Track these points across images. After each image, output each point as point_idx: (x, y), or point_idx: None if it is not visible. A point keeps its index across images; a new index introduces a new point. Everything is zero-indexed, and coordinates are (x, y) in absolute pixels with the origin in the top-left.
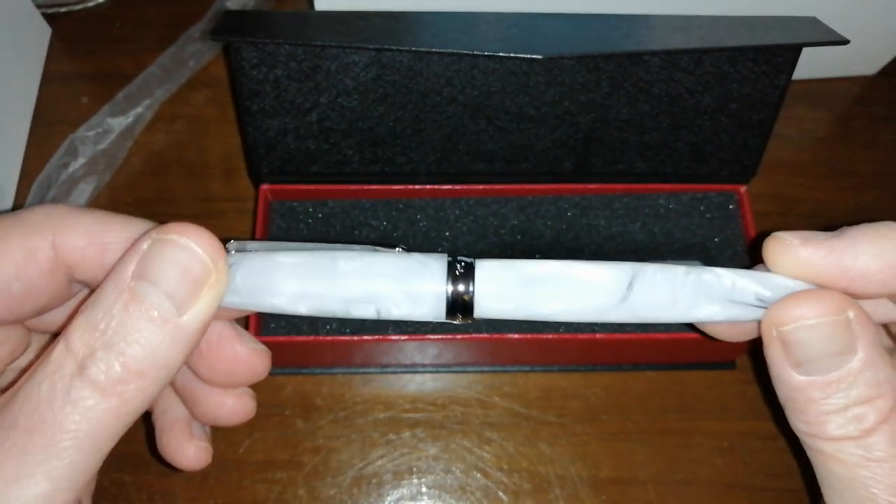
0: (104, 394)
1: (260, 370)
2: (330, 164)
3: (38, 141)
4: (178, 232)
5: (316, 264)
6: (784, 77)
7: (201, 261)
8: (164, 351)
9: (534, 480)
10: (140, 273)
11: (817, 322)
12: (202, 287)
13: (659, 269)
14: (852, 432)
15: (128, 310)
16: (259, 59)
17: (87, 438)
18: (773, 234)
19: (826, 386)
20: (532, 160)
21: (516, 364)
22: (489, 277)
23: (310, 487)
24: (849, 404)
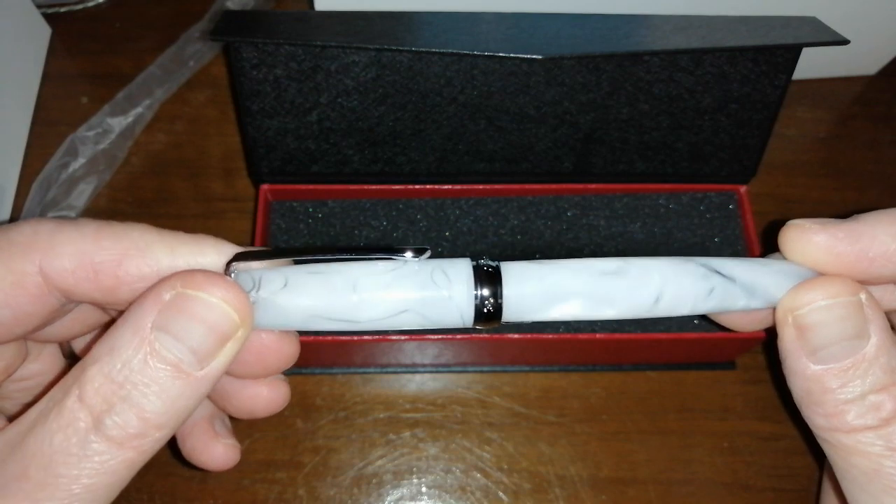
0: (121, 447)
1: (290, 355)
2: (330, 164)
3: (39, 141)
4: (206, 289)
5: (335, 303)
6: (784, 77)
7: (229, 318)
8: (183, 402)
9: (534, 480)
10: (162, 325)
11: (831, 303)
12: (228, 341)
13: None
14: (871, 421)
15: (147, 363)
16: (259, 59)
17: (101, 489)
18: (790, 222)
19: (842, 373)
20: (532, 160)
21: (516, 364)
22: (516, 284)
23: (310, 487)
24: (865, 392)
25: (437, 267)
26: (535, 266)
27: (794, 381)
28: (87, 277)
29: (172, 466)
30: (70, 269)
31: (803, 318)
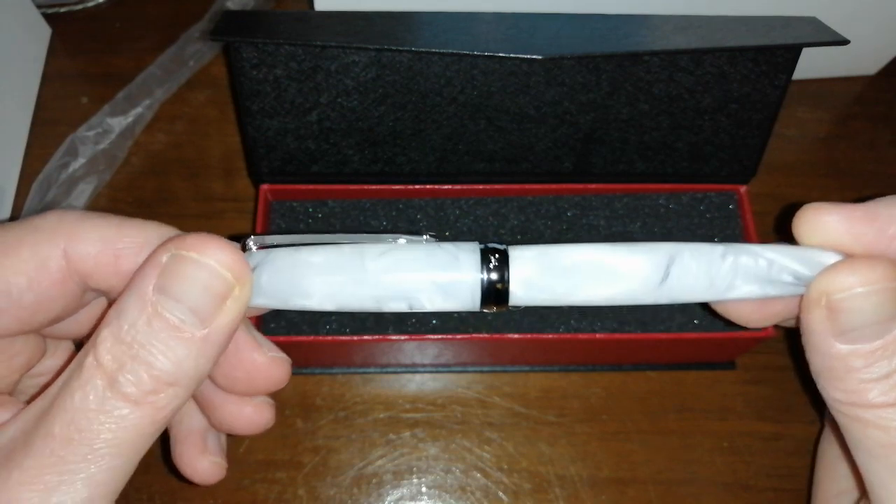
0: (137, 404)
1: (279, 379)
2: (330, 163)
3: (39, 141)
4: (197, 249)
5: (344, 263)
6: (784, 77)
7: (222, 277)
8: (192, 362)
9: (534, 480)
10: (161, 287)
11: (871, 289)
12: (225, 300)
13: (696, 253)
14: (894, 399)
15: (151, 325)
16: (259, 59)
17: (124, 445)
18: (806, 205)
19: (870, 354)
20: (532, 160)
21: (516, 364)
22: (523, 266)
23: (310, 487)
24: (890, 371)
25: (447, 242)
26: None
27: (815, 357)
28: (108, 263)
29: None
30: (93, 254)
31: (839, 302)
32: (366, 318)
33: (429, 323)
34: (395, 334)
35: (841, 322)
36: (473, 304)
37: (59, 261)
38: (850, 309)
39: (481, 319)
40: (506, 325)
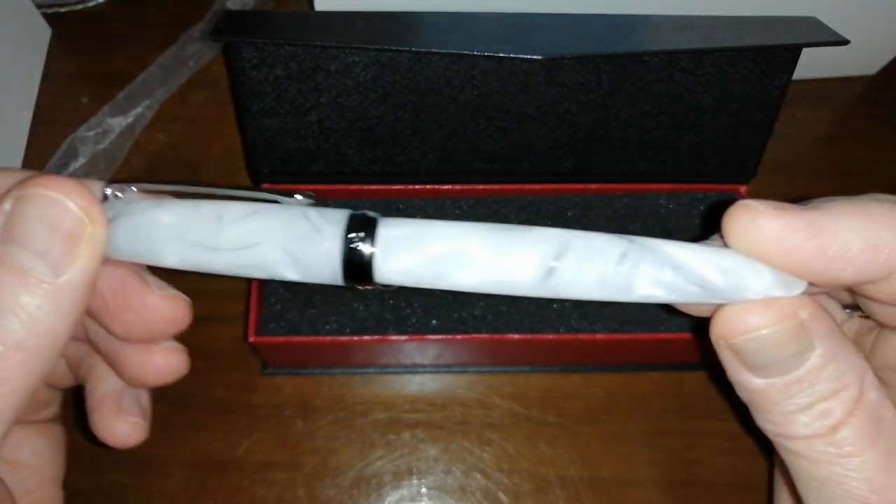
0: None
1: (176, 318)
2: (330, 163)
3: (38, 141)
4: (42, 185)
5: (198, 227)
6: (784, 77)
7: (71, 213)
8: (44, 317)
9: (534, 481)
10: (5, 236)
11: (769, 332)
12: (78, 242)
13: (589, 251)
14: (819, 430)
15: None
16: (259, 59)
17: None
18: (740, 202)
19: (787, 388)
20: (532, 160)
21: (516, 364)
22: (393, 241)
23: (309, 488)
24: (813, 402)
25: (314, 209)
26: (416, 220)
27: (738, 390)
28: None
29: (172, 466)
30: None
31: (739, 346)
32: (365, 319)
33: (429, 323)
34: (395, 334)
35: (748, 362)
36: (334, 279)
37: None
38: (752, 351)
39: (481, 320)
40: (506, 326)
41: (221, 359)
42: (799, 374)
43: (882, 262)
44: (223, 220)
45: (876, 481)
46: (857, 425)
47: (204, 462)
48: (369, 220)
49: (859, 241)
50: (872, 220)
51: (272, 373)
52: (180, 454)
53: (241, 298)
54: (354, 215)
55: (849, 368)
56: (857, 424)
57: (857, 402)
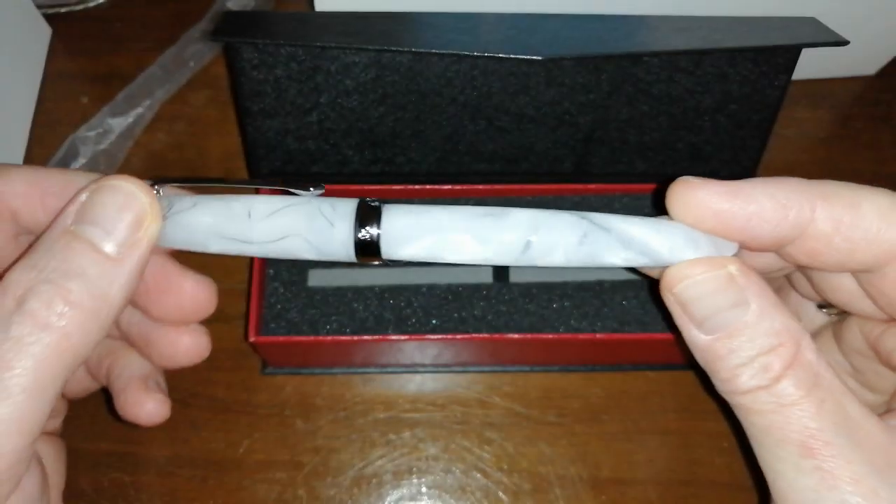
0: (44, 328)
1: (205, 302)
2: (330, 164)
3: (39, 141)
4: (115, 178)
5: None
6: (784, 77)
7: (138, 202)
8: (104, 284)
9: (534, 481)
10: (80, 218)
11: (702, 277)
12: (139, 227)
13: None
14: (762, 381)
15: (69, 247)
16: (259, 59)
17: (32, 376)
18: (677, 179)
19: (729, 340)
20: (532, 160)
21: (516, 364)
22: (395, 232)
23: (310, 487)
24: (753, 355)
25: (326, 201)
26: (416, 206)
27: (694, 354)
28: (34, 201)
29: (172, 466)
30: (20, 192)
31: (679, 295)
32: (366, 319)
33: (429, 323)
34: (395, 334)
35: (693, 313)
36: (347, 251)
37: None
38: (692, 298)
39: (481, 320)
40: (506, 326)
41: (222, 359)
42: (737, 326)
43: (792, 220)
44: (253, 217)
45: (811, 427)
46: (794, 378)
47: (204, 461)
48: (374, 209)
49: (770, 201)
50: (783, 185)
51: (272, 372)
52: (181, 453)
53: (242, 298)
54: (361, 207)
55: (784, 328)
56: (795, 377)
57: (794, 358)
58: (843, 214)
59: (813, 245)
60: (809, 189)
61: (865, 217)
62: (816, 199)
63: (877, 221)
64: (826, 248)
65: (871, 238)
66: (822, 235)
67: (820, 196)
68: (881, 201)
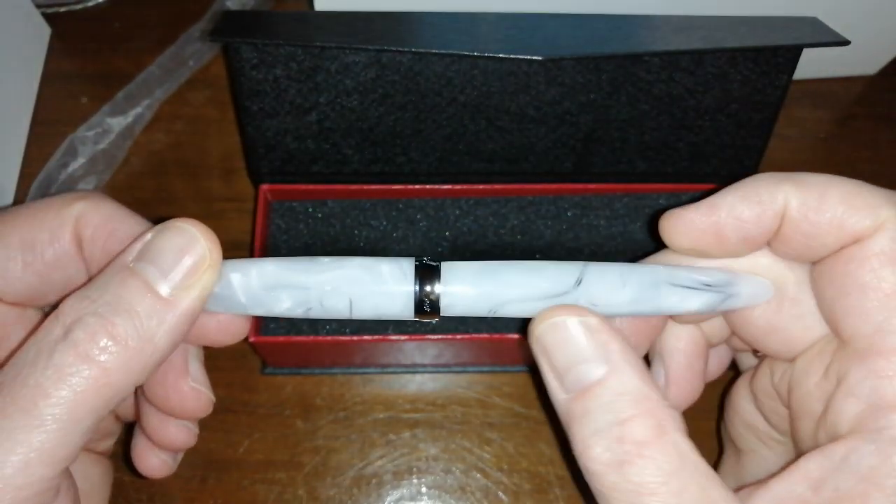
0: (86, 360)
1: (196, 409)
2: (330, 164)
3: (38, 141)
4: (180, 220)
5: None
6: (785, 77)
7: (198, 246)
8: (152, 324)
9: (534, 481)
10: (141, 256)
11: (561, 321)
12: (196, 271)
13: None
14: (617, 455)
15: (123, 283)
16: (259, 59)
17: (67, 407)
18: (665, 213)
19: (584, 400)
20: (532, 160)
21: (516, 364)
22: (454, 281)
23: (309, 487)
24: (610, 421)
25: (382, 267)
26: (472, 277)
27: (557, 412)
28: (101, 237)
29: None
30: (94, 225)
31: (540, 338)
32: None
33: (429, 323)
34: (395, 334)
35: (553, 361)
36: (407, 317)
37: (74, 224)
38: (553, 344)
39: (481, 320)
40: (506, 326)
41: (222, 358)
42: (593, 383)
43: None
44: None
45: None
46: (653, 461)
47: (204, 461)
48: (434, 266)
49: (745, 202)
50: (753, 183)
51: (272, 372)
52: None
53: None
54: (420, 263)
55: (644, 397)
56: (654, 460)
57: (654, 434)
58: (811, 199)
59: (785, 230)
60: (780, 179)
61: (830, 202)
62: (788, 186)
63: (840, 206)
64: (795, 233)
65: (836, 223)
66: (793, 221)
67: (791, 183)
68: (845, 189)
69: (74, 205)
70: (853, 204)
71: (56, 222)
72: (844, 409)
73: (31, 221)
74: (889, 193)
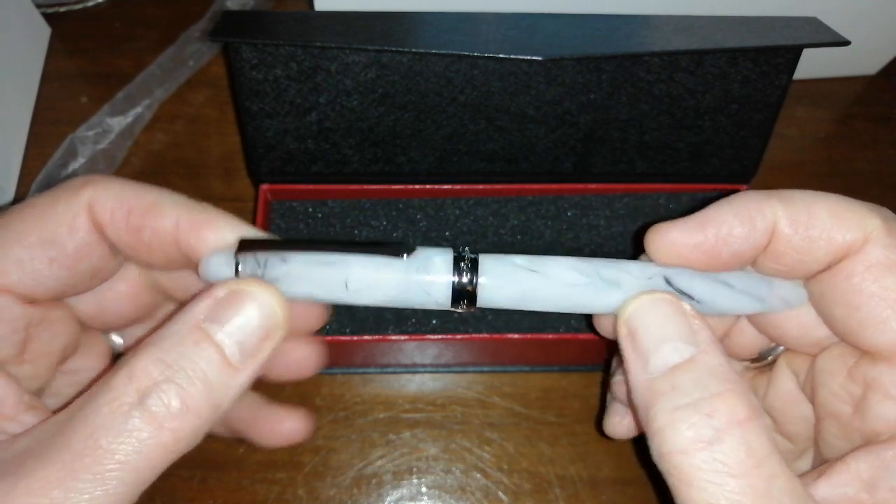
0: (160, 428)
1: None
2: (330, 163)
3: (38, 140)
4: (256, 288)
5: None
6: (785, 77)
7: (274, 318)
8: (222, 392)
9: (534, 480)
10: (213, 317)
11: (652, 302)
12: (267, 340)
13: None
14: (703, 433)
15: (198, 349)
16: (259, 59)
17: (134, 471)
18: (653, 227)
19: (672, 376)
20: (532, 160)
21: (516, 364)
22: (491, 272)
23: (310, 487)
24: (697, 397)
25: (420, 268)
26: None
27: (633, 396)
28: (122, 217)
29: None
30: (110, 208)
31: (630, 321)
32: (365, 319)
33: (429, 323)
34: (395, 334)
35: (640, 343)
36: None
37: (88, 212)
38: (643, 326)
39: (481, 320)
40: (506, 325)
41: None
42: (684, 362)
43: (759, 227)
44: (349, 288)
45: None
46: (744, 441)
47: (205, 461)
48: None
49: (736, 218)
50: (743, 199)
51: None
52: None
53: None
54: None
55: (734, 377)
56: (745, 440)
57: (745, 415)
58: (800, 214)
59: (776, 247)
60: (769, 196)
61: (819, 216)
62: (776, 203)
63: (829, 220)
64: (787, 248)
65: (826, 236)
66: (784, 236)
67: (779, 199)
68: (831, 203)
69: (82, 192)
70: (841, 217)
71: (70, 214)
72: (883, 413)
73: (45, 217)
74: (871, 205)
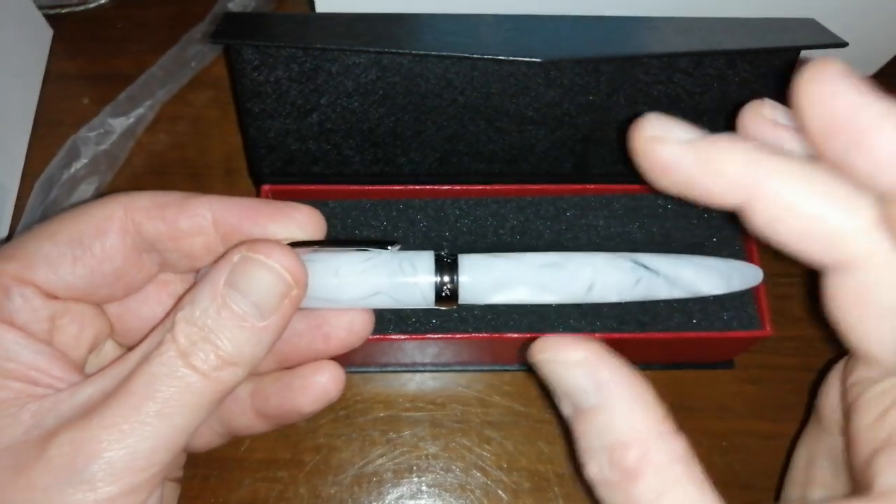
0: (205, 377)
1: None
2: (331, 164)
3: (40, 141)
4: (265, 253)
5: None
6: (783, 79)
7: (284, 279)
8: (250, 348)
9: (533, 479)
10: (231, 282)
11: (552, 356)
12: (284, 298)
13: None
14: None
15: (220, 314)
16: (260, 60)
17: (188, 407)
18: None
19: (576, 423)
20: (531, 161)
21: (516, 363)
22: (470, 272)
23: (311, 486)
24: (600, 446)
25: (406, 258)
26: (487, 258)
27: None
28: (157, 214)
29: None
30: (145, 207)
31: (540, 365)
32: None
33: (429, 322)
34: (395, 334)
35: (552, 384)
36: (428, 304)
37: (121, 214)
38: (550, 373)
39: (481, 319)
40: (506, 325)
41: None
42: (580, 411)
43: None
44: (339, 275)
45: None
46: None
47: (205, 460)
48: (450, 264)
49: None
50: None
51: None
52: None
53: None
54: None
55: (634, 430)
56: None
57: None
58: None
59: None
60: None
61: None
62: None
63: None
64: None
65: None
66: None
67: None
68: None
69: (118, 198)
70: None
71: (101, 216)
72: None
73: (77, 218)
74: None
